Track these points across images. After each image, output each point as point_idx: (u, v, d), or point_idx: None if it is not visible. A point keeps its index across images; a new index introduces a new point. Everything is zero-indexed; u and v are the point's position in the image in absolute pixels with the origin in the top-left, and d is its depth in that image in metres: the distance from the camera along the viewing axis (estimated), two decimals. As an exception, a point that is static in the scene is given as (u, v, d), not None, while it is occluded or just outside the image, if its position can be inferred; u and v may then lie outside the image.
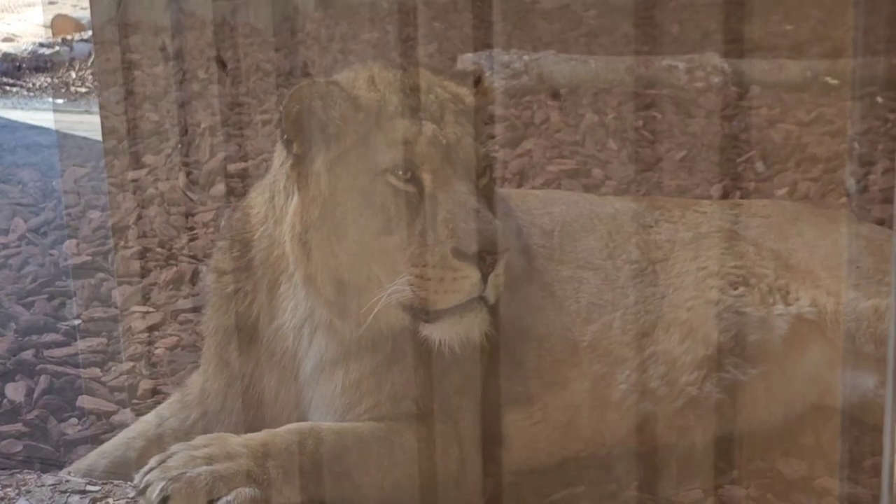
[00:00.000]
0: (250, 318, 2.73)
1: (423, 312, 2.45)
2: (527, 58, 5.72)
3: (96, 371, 3.42)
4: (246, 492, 2.35)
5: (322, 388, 2.65)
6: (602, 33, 6.45)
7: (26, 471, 2.72)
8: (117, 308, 3.80)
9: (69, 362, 3.43)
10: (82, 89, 7.07)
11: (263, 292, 2.71)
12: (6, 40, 7.96)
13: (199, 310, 3.53)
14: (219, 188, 4.60)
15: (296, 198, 2.55)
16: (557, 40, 6.35)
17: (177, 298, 3.85)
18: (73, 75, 7.31)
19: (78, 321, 3.70)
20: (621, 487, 2.81)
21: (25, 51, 7.57)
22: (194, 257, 4.10)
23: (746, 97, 5.43)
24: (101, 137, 5.32)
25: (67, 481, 2.55)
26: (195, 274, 3.95)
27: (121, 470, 2.73)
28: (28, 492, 2.49)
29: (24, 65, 7.44)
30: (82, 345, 3.55)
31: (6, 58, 7.44)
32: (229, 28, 6.55)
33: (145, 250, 4.18)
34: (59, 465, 2.90)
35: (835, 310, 2.94)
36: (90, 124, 5.66)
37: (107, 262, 4.12)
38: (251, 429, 2.60)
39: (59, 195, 4.74)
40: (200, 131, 5.14)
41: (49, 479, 2.57)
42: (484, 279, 2.41)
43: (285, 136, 2.57)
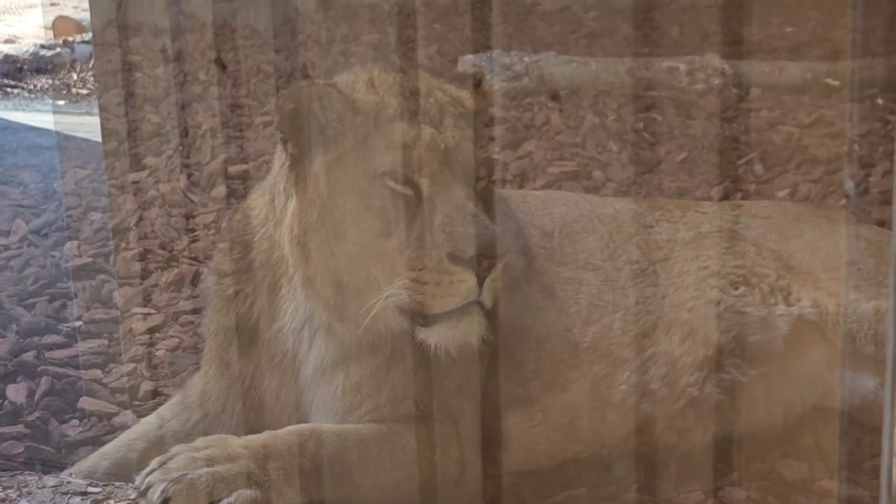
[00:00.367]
0: (251, 320, 2.73)
1: (420, 316, 2.45)
2: (527, 59, 5.71)
3: (97, 373, 3.42)
4: (247, 493, 2.35)
5: (323, 391, 2.65)
6: (603, 35, 6.44)
7: (27, 472, 2.73)
8: (118, 310, 3.80)
9: (70, 364, 3.43)
10: (83, 91, 7.07)
11: (264, 294, 2.71)
12: (7, 42, 7.97)
13: (199, 311, 3.52)
14: (219, 190, 4.60)
15: (294, 200, 2.56)
16: (558, 42, 6.34)
17: (178, 300, 3.85)
18: (74, 77, 7.31)
19: (79, 323, 3.70)
20: (621, 489, 2.81)
21: (26, 52, 7.57)
22: (195, 259, 4.10)
23: (747, 99, 5.41)
24: (102, 139, 5.31)
25: (69, 483, 2.56)
26: (196, 276, 3.95)
27: (122, 471, 2.73)
28: (29, 493, 2.49)
29: (25, 66, 7.45)
30: (83, 346, 3.55)
31: (7, 59, 7.45)
32: (230, 30, 6.55)
33: (146, 252, 4.17)
34: (61, 467, 2.90)
35: (836, 311, 2.94)
36: (91, 126, 5.65)
37: (108, 263, 4.12)
38: (252, 430, 2.60)
39: (60, 197, 4.74)
40: (201, 133, 5.14)
41: (50, 480, 2.57)
42: (480, 283, 2.40)
43: (282, 135, 2.58)
